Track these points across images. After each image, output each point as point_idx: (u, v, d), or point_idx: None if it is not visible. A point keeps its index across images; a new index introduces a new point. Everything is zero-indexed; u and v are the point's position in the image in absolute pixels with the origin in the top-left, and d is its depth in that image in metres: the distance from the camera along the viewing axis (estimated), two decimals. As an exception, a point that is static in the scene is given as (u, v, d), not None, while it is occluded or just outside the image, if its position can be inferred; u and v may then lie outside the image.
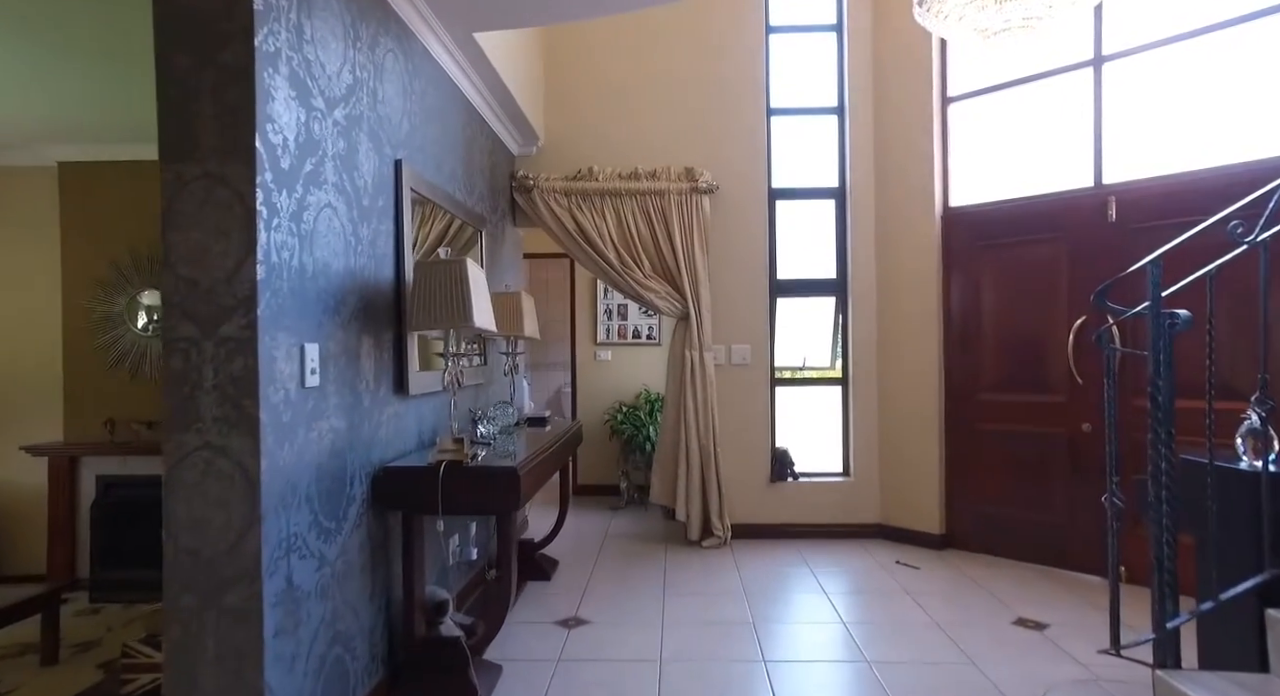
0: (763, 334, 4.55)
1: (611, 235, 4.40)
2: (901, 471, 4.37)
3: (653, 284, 4.40)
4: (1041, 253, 3.80)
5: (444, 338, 2.49)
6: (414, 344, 2.71)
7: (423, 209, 3.13)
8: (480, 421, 3.03)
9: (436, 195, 3.06)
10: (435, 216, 3.38)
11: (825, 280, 4.66)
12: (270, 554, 1.76)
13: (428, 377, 2.81)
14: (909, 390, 4.32)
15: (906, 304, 4.33)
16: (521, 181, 4.38)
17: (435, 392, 2.95)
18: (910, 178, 4.30)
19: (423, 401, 2.87)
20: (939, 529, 4.19)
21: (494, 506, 2.46)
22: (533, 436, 3.36)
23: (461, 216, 3.42)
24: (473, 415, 3.03)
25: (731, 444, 4.51)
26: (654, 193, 4.40)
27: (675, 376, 4.47)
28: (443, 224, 3.55)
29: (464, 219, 3.48)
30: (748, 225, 4.54)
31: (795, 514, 4.52)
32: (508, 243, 4.42)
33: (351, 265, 2.26)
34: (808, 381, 4.83)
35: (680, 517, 4.37)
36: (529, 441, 3.14)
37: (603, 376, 5.87)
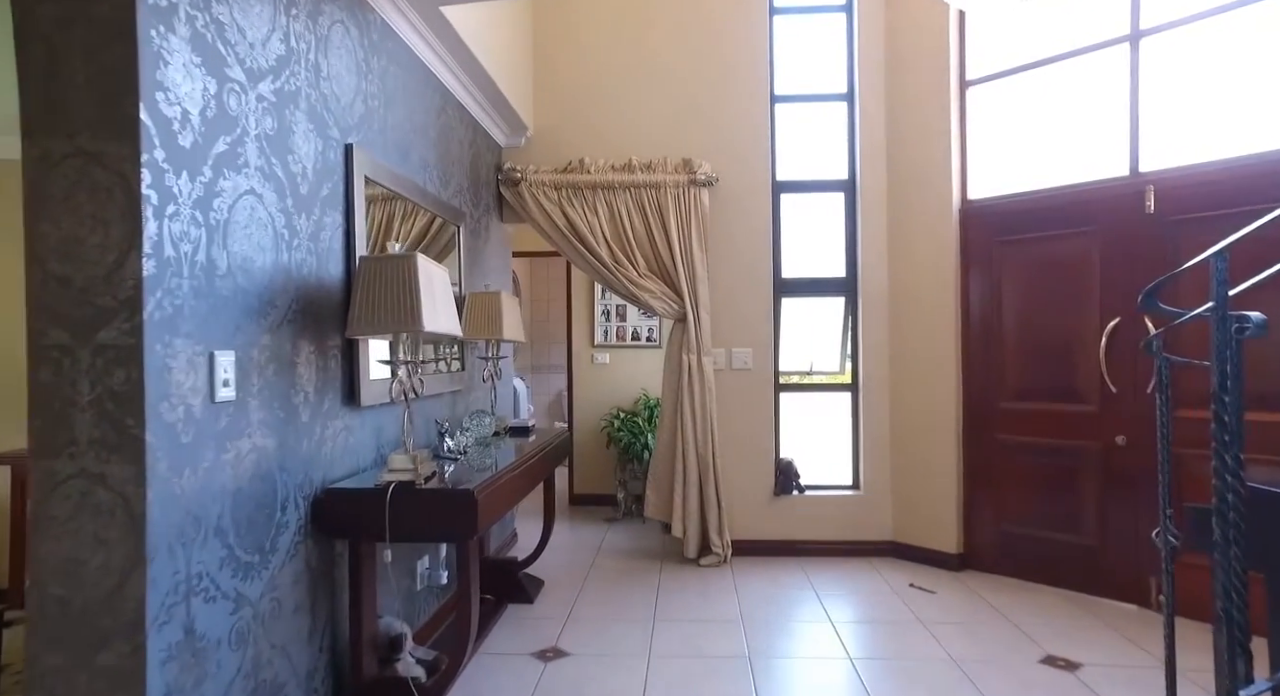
0: (766, 336, 4.25)
1: (604, 231, 4.11)
2: (916, 485, 4.05)
3: (648, 283, 4.11)
4: (1070, 248, 3.46)
5: (393, 343, 2.21)
6: (368, 350, 2.44)
7: (401, 205, 2.87)
8: (447, 435, 2.75)
9: (401, 186, 2.79)
10: (416, 213, 3.12)
11: (834, 279, 4.35)
12: (160, 600, 1.48)
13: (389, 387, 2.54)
14: (924, 397, 4.00)
15: (922, 304, 4.01)
16: (508, 174, 4.11)
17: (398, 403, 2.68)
18: (926, 168, 3.98)
19: (382, 412, 2.59)
20: (956, 548, 3.87)
21: (448, 533, 2.19)
22: (512, 448, 3.08)
23: (434, 210, 3.15)
24: (439, 427, 2.75)
25: (732, 454, 4.21)
26: (649, 186, 4.11)
27: (672, 382, 4.17)
28: (424, 220, 3.28)
29: (437, 213, 3.20)
30: (750, 220, 4.24)
31: (800, 530, 4.21)
32: (493, 240, 4.14)
33: (285, 261, 1.99)
34: (815, 387, 4.52)
35: (677, 534, 4.07)
36: (504, 455, 2.86)
37: (600, 380, 5.59)
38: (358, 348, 2.39)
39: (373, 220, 2.81)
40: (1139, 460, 3.22)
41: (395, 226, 3.25)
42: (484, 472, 2.40)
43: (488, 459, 2.78)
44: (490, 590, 3.48)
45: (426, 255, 3.40)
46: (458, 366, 3.50)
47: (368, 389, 2.43)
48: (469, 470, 2.50)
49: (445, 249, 3.47)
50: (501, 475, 2.43)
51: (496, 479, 2.36)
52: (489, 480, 2.28)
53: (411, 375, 2.28)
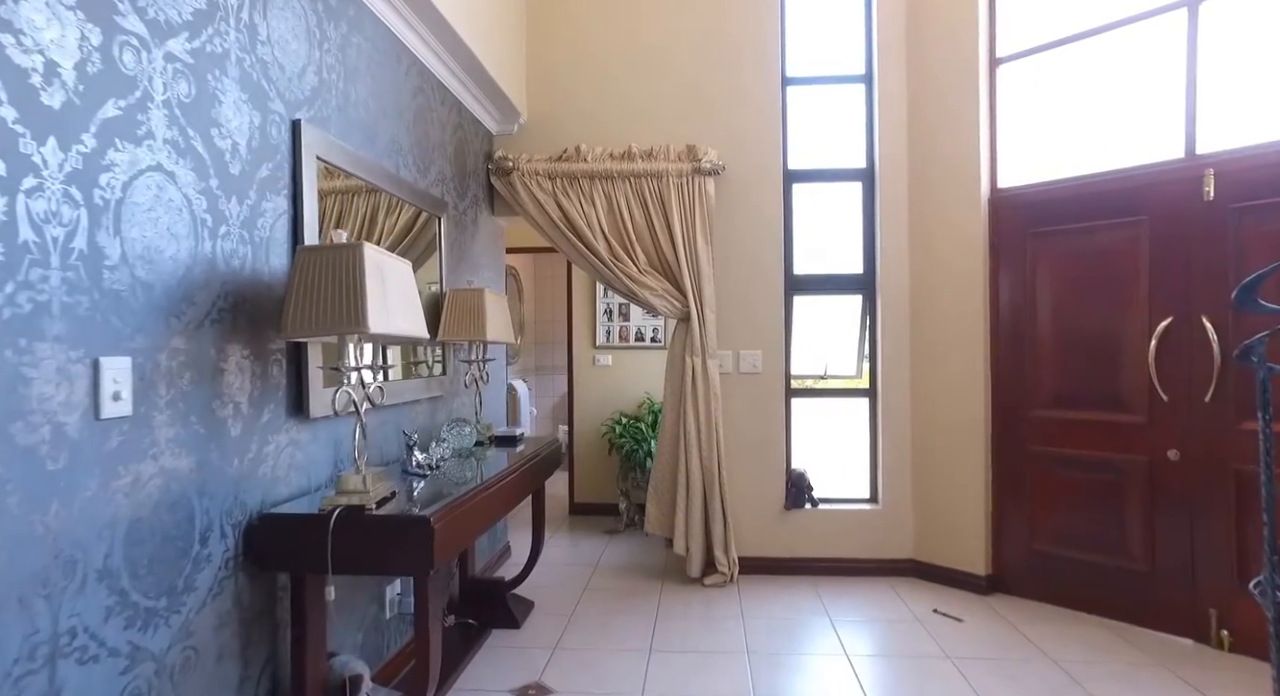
0: (777, 337, 3.92)
1: (601, 224, 3.80)
2: (940, 499, 3.70)
3: (649, 280, 3.79)
4: (1114, 240, 3.10)
5: (339, 346, 1.91)
6: (317, 352, 2.14)
7: (385, 198, 2.59)
8: (416, 447, 2.45)
9: (366, 171, 2.50)
10: (401, 207, 2.84)
11: (850, 276, 4.01)
12: (4, 670, 1.19)
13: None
14: (949, 404, 3.65)
15: (946, 303, 3.66)
16: (499, 163, 3.81)
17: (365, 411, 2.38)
18: (951, 155, 3.63)
19: (341, 424, 2.29)
20: (985, 569, 3.52)
21: (400, 565, 1.88)
22: (494, 461, 2.78)
23: (408, 199, 2.86)
24: (407, 440, 2.45)
25: (739, 465, 3.88)
26: (650, 175, 3.79)
27: (674, 386, 3.85)
28: (410, 214, 3.00)
29: (413, 202, 2.91)
30: (759, 212, 3.91)
31: (814, 546, 3.87)
32: (482, 233, 3.84)
33: (209, 251, 1.69)
34: (829, 392, 4.18)
35: (679, 551, 3.75)
36: (485, 469, 2.56)
37: (602, 383, 5.28)
38: (307, 351, 2.10)
39: (355, 214, 2.56)
40: (1195, 477, 2.86)
41: (380, 220, 2.99)
42: (449, 494, 2.10)
43: (464, 474, 2.48)
44: (474, 613, 3.18)
45: (413, 251, 3.15)
46: (440, 370, 3.21)
47: (320, 398, 2.14)
48: (438, 489, 2.20)
49: (432, 245, 3.18)
50: (469, 497, 2.12)
51: (462, 501, 2.05)
52: (450, 504, 1.97)
53: (366, 383, 1.98)
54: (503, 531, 4.22)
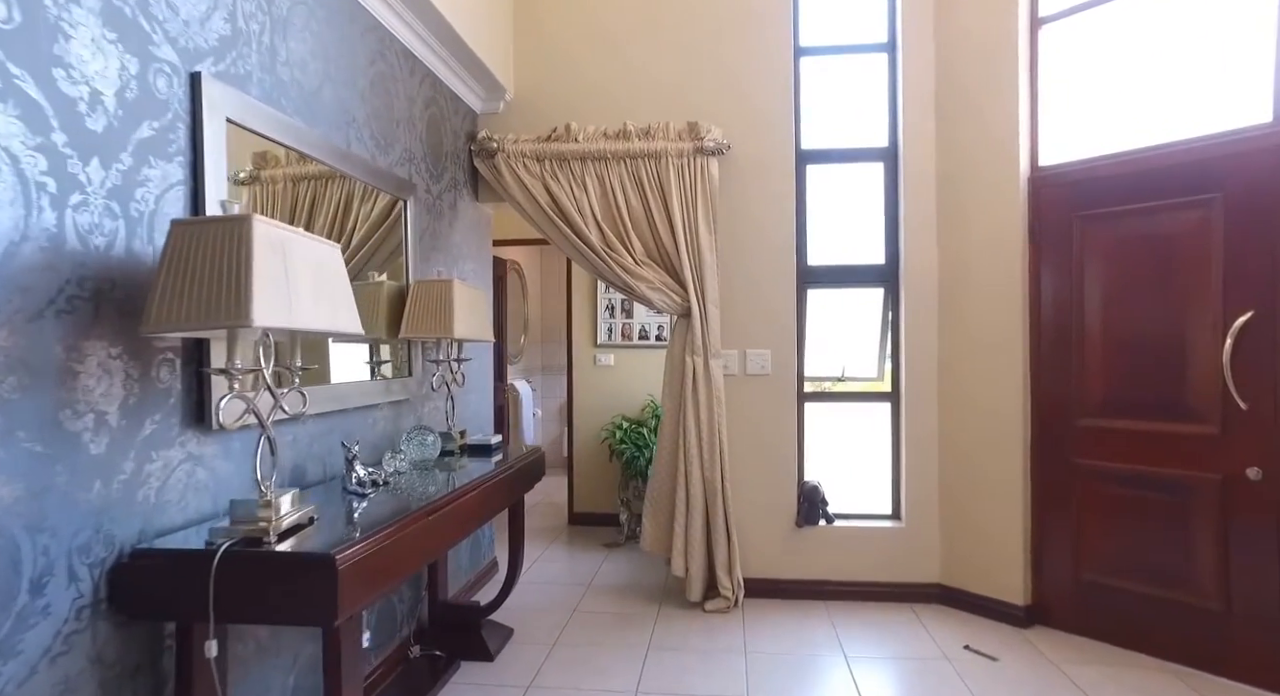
0: (788, 335, 3.50)
1: (593, 210, 3.41)
2: (971, 517, 3.26)
3: (646, 272, 3.39)
4: (1180, 222, 2.64)
5: (228, 343, 1.54)
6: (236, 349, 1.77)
7: (355, 184, 2.23)
8: (356, 462, 2.08)
9: (300, 140, 2.14)
10: (376, 193, 2.49)
11: (870, 267, 3.57)
12: None
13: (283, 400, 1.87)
14: (982, 410, 3.20)
15: (979, 296, 3.22)
16: (483, 144, 3.43)
17: (283, 420, 2.02)
18: (986, 130, 3.18)
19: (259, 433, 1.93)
20: (1023, 598, 3.07)
21: (298, 614, 1.51)
22: (458, 475, 2.41)
23: (362, 178, 2.50)
24: (346, 452, 2.08)
25: (746, 476, 3.47)
26: (648, 155, 3.39)
27: (674, 389, 3.45)
28: (386, 201, 2.67)
29: (369, 183, 2.55)
30: (769, 196, 3.49)
31: (828, 568, 3.45)
32: (463, 220, 3.47)
33: (50, 224, 1.34)
34: (847, 396, 3.75)
35: (677, 572, 3.35)
36: (444, 484, 2.18)
37: (603, 384, 4.89)
38: (209, 349, 1.74)
39: (328, 201, 2.25)
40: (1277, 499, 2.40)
41: (355, 208, 2.66)
42: (381, 521, 1.72)
43: (415, 492, 2.11)
44: (443, 643, 2.82)
45: (390, 242, 2.80)
46: (406, 371, 2.84)
47: (230, 406, 1.77)
48: (374, 513, 1.83)
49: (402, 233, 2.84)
50: (400, 524, 1.74)
51: (388, 531, 1.67)
52: (371, 535, 1.60)
53: (273, 386, 1.61)
54: (489, 545, 3.85)
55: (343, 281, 1.77)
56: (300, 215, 2.51)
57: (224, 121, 1.80)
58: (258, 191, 2.17)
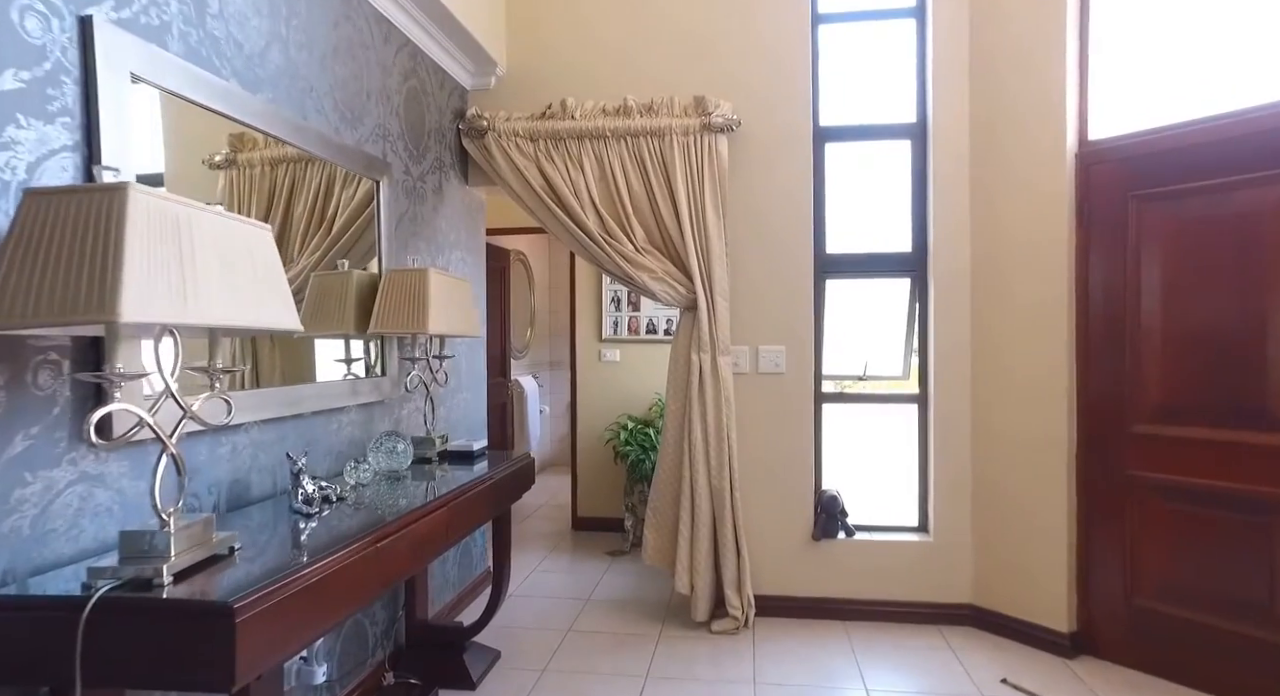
0: (804, 330, 3.16)
1: (591, 192, 3.10)
2: (1008, 532, 2.91)
3: (648, 260, 3.08)
4: (1261, 200, 2.26)
5: (107, 344, 1.25)
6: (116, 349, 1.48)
7: (338, 168, 1.92)
8: (304, 475, 1.79)
9: (241, 109, 1.85)
10: (359, 178, 2.21)
11: (896, 255, 3.22)
12: None
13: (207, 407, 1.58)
14: (1021, 413, 2.85)
15: (1019, 287, 2.86)
16: (472, 123, 3.13)
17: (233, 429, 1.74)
18: (1026, 100, 2.81)
19: (198, 444, 1.65)
20: (1067, 625, 2.71)
21: (189, 677, 1.21)
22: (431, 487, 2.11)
23: (321, 154, 2.21)
24: (292, 465, 1.79)
25: (757, 485, 3.15)
26: (650, 133, 3.06)
27: (678, 389, 3.13)
28: (370, 186, 2.40)
29: (331, 159, 2.26)
30: (784, 177, 3.15)
31: (848, 585, 3.12)
32: (450, 206, 3.18)
33: None
34: (869, 398, 3.41)
35: (681, 589, 3.04)
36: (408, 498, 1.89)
37: (609, 381, 4.58)
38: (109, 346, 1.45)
39: (307, 185, 2.02)
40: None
41: (336, 192, 2.42)
42: (315, 554, 1.43)
43: (374, 510, 1.82)
44: (420, 668, 2.53)
45: (371, 230, 2.51)
46: (380, 370, 2.56)
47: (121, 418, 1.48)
48: (320, 537, 1.55)
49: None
50: (334, 558, 1.44)
51: (318, 567, 1.38)
52: (288, 576, 1.30)
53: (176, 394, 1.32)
54: (480, 555, 3.57)
55: (272, 269, 1.48)
56: (279, 202, 2.29)
57: (130, 77, 1.50)
58: (234, 176, 1.99)
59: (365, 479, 2.11)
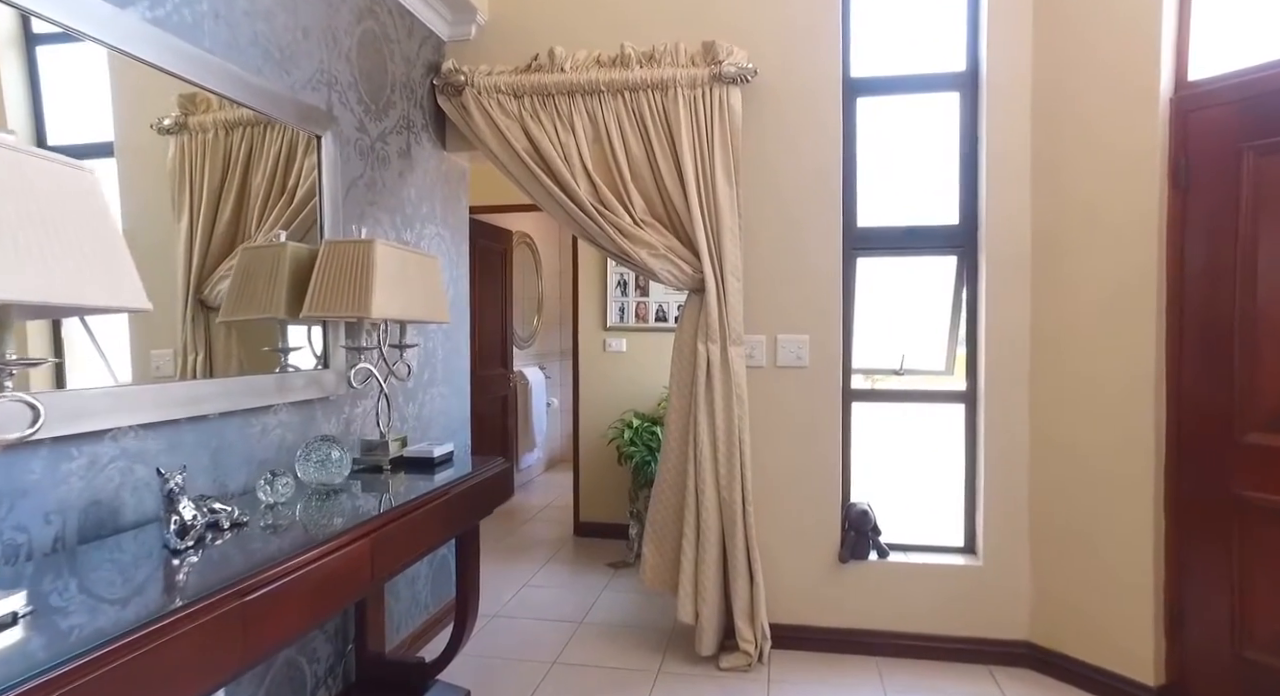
0: (830, 316, 2.67)
1: (583, 157, 2.64)
2: (1077, 557, 2.40)
3: (647, 235, 2.61)
4: None
5: None
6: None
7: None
8: (181, 496, 1.37)
9: (95, 25, 1.42)
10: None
11: (940, 229, 2.72)
12: None
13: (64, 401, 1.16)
14: (1093, 417, 2.34)
15: (1093, 264, 2.34)
16: (448, 77, 2.69)
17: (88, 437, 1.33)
18: (1106, 37, 2.28)
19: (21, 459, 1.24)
20: (1154, 676, 2.21)
21: None
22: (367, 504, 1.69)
23: (231, 95, 1.79)
24: (165, 482, 1.37)
25: (775, 497, 2.68)
26: (652, 86, 2.59)
27: (682, 384, 2.67)
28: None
29: (245, 104, 1.84)
30: (808, 138, 2.66)
31: (881, 615, 2.64)
32: (421, 173, 2.74)
33: None
34: (906, 396, 2.92)
35: (684, 618, 2.59)
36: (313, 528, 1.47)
37: (614, 373, 4.14)
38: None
39: (265, 154, 1.73)
40: None
41: (298, 159, 2.08)
42: (125, 627, 1.00)
43: (274, 540, 1.40)
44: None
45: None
46: (323, 361, 2.14)
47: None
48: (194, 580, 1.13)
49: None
50: (145, 631, 1.00)
51: (107, 651, 0.94)
52: (40, 675, 0.87)
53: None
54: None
55: (101, 226, 1.06)
56: (234, 170, 1.93)
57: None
58: (185, 141, 1.73)
59: (284, 496, 1.69)
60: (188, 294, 1.81)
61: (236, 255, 1.95)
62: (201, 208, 1.83)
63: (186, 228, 1.80)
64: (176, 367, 1.71)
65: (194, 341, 1.94)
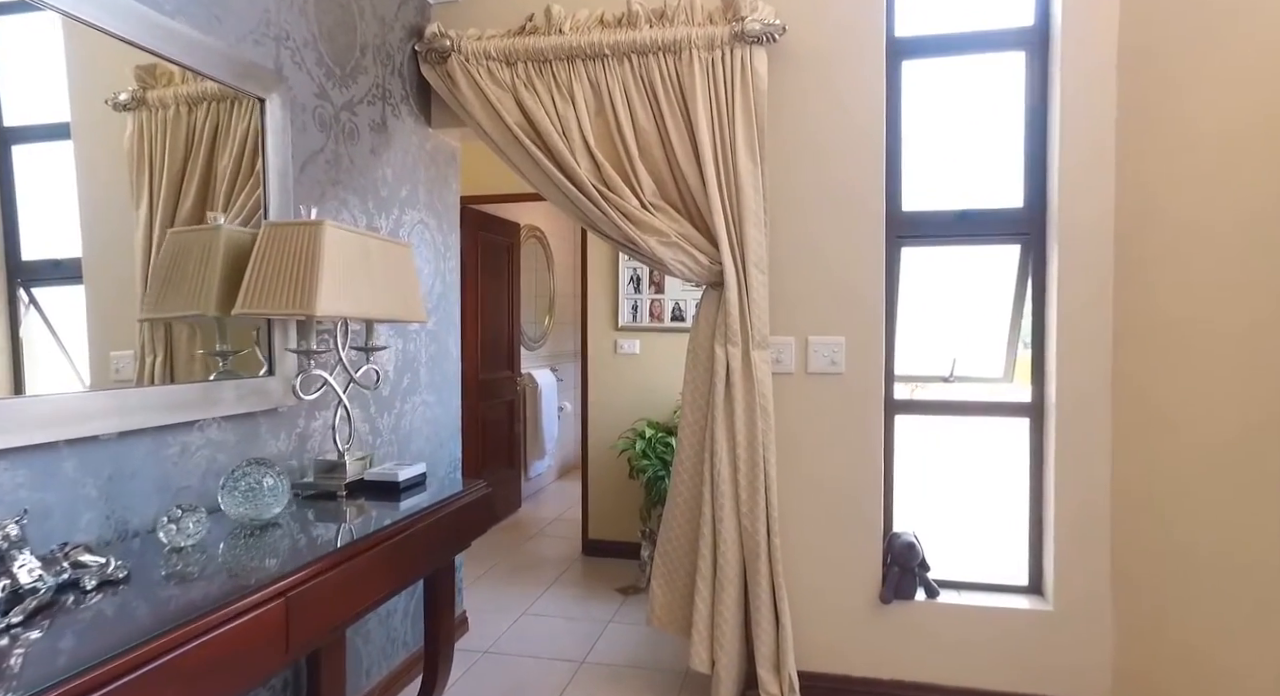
0: (871, 315, 2.27)
1: (584, 131, 2.27)
2: (1178, 601, 1.97)
3: (658, 220, 2.24)
4: None
5: None
6: None
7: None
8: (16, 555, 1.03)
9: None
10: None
11: (1000, 213, 2.30)
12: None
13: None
14: (1200, 436, 1.90)
15: (1201, 251, 1.90)
16: (432, 43, 2.34)
17: None
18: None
19: None
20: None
21: None
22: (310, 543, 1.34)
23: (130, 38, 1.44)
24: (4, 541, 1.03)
25: (805, 525, 2.28)
26: (663, 48, 2.22)
27: (698, 395, 2.29)
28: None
29: (160, 54, 1.50)
30: (845, 108, 2.26)
31: (930, 665, 2.23)
32: (399, 149, 2.39)
33: None
34: (958, 408, 2.50)
35: (698, 667, 2.20)
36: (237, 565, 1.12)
37: (625, 378, 3.76)
38: None
39: (232, 134, 1.69)
40: None
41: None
42: None
43: (149, 606, 1.06)
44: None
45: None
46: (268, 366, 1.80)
47: None
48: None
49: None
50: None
51: None
52: None
53: None
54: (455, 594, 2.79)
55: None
56: (197, 150, 1.69)
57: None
58: (144, 119, 1.55)
59: (195, 536, 1.34)
60: (145, 288, 1.55)
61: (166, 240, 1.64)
62: (162, 192, 1.60)
63: (145, 215, 1.57)
64: (135, 371, 1.50)
65: (152, 342, 1.66)
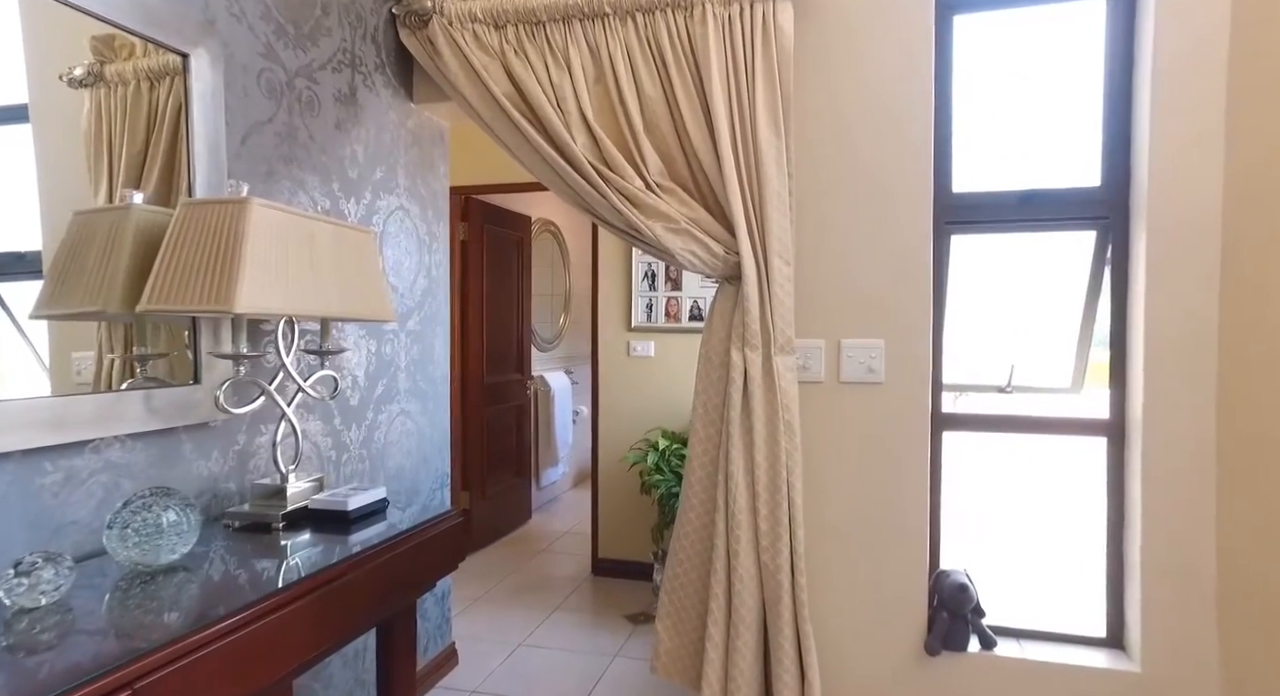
0: (915, 315, 1.90)
1: (581, 102, 1.95)
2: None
3: (665, 204, 1.91)
4: None
5: None
6: None
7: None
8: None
9: None
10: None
11: (1071, 193, 1.92)
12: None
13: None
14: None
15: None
16: (411, 5, 2.04)
17: None
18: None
19: None
20: None
21: None
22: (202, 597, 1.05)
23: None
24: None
25: (835, 562, 1.93)
26: (672, 5, 1.89)
27: (711, 406, 1.96)
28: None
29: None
30: (884, 71, 1.90)
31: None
32: (370, 126, 2.10)
33: None
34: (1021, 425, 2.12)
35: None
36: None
37: (639, 383, 3.44)
38: None
39: None
40: None
41: None
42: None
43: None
44: None
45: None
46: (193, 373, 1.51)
47: None
48: None
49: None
50: None
51: None
52: None
53: None
54: (437, 628, 2.49)
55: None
56: (160, 131, 1.51)
57: None
58: (103, 96, 1.40)
59: (54, 592, 1.05)
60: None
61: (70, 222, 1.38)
62: (120, 176, 1.42)
63: (105, 200, 1.39)
64: (94, 374, 1.35)
65: (110, 342, 1.42)
